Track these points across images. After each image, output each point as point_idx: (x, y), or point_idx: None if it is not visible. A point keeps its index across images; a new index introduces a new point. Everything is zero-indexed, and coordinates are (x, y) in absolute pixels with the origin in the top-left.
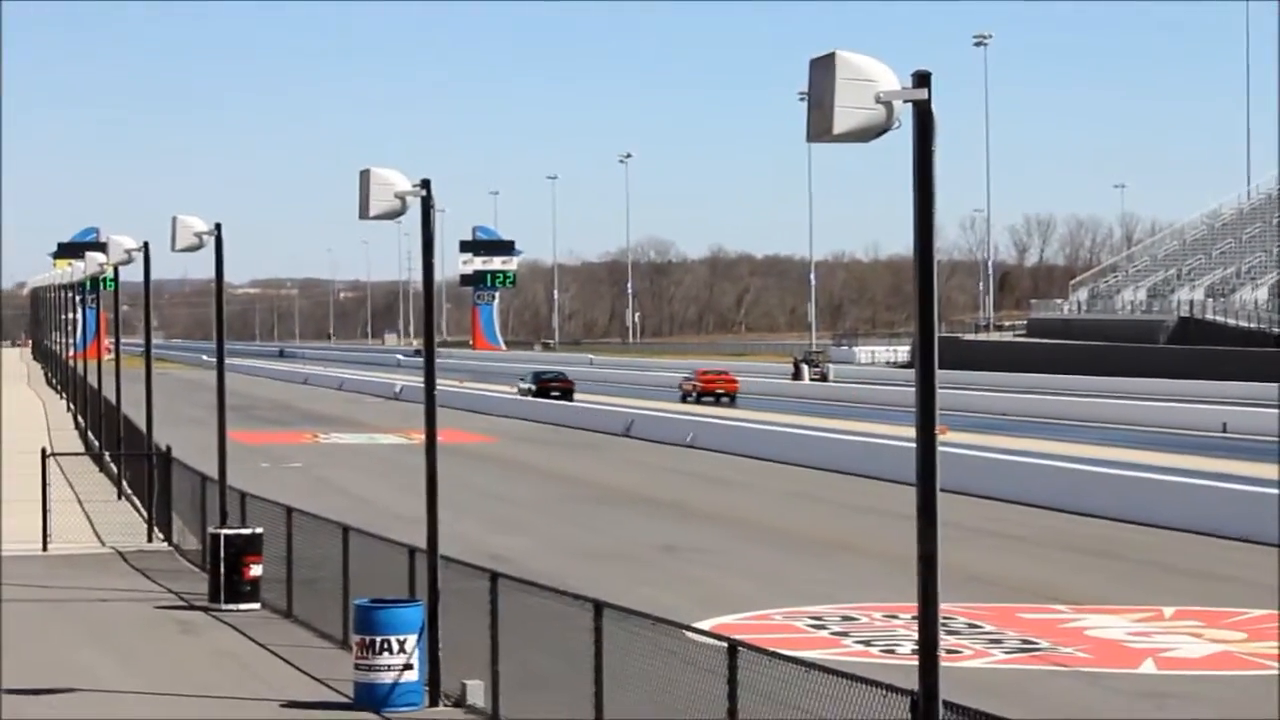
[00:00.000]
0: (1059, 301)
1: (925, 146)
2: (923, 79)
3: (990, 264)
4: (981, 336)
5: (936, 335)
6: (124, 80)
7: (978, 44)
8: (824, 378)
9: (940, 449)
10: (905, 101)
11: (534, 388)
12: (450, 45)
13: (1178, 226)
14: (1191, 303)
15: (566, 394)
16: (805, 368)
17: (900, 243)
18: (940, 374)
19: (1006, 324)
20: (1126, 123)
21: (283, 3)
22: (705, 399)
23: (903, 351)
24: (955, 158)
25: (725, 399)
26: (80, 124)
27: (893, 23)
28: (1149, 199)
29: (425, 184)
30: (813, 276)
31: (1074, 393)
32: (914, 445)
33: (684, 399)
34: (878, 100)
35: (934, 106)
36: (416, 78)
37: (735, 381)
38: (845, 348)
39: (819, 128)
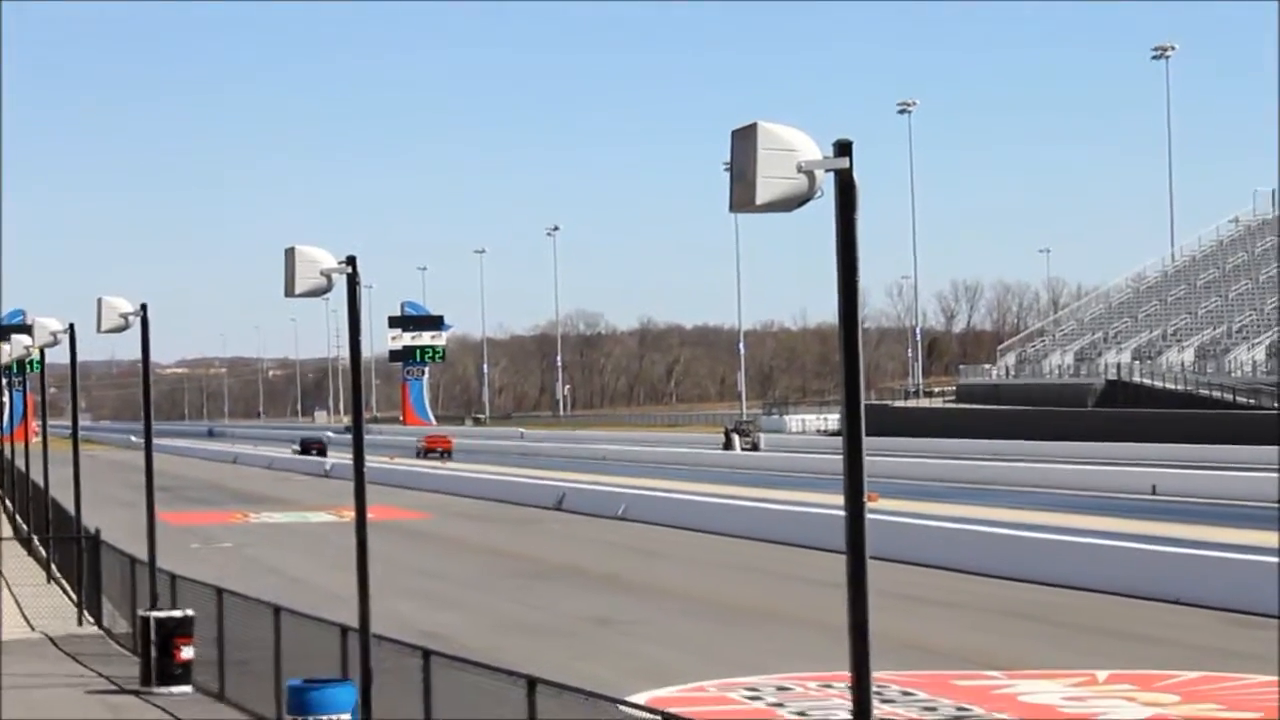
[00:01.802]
0: (987, 366)
1: (848, 215)
2: (844, 148)
3: (918, 330)
4: (910, 403)
5: (863, 403)
6: (48, 160)
7: (902, 111)
8: (755, 447)
9: (870, 516)
10: (827, 170)
11: (299, 449)
12: (375, 121)
13: (1103, 290)
14: (1119, 365)
15: (322, 451)
16: (736, 437)
17: (828, 310)
18: (871, 441)
19: (935, 390)
20: (1050, 187)
21: (207, 82)
22: (430, 455)
23: (833, 419)
24: (882, 224)
25: (443, 454)
26: (4, 203)
27: (817, 93)
28: (1074, 263)
29: (351, 260)
30: (742, 346)
31: (1004, 457)
32: (844, 513)
33: (417, 455)
34: (800, 170)
35: (856, 175)
36: (341, 154)
37: (450, 441)
38: (776, 416)
39: (742, 198)
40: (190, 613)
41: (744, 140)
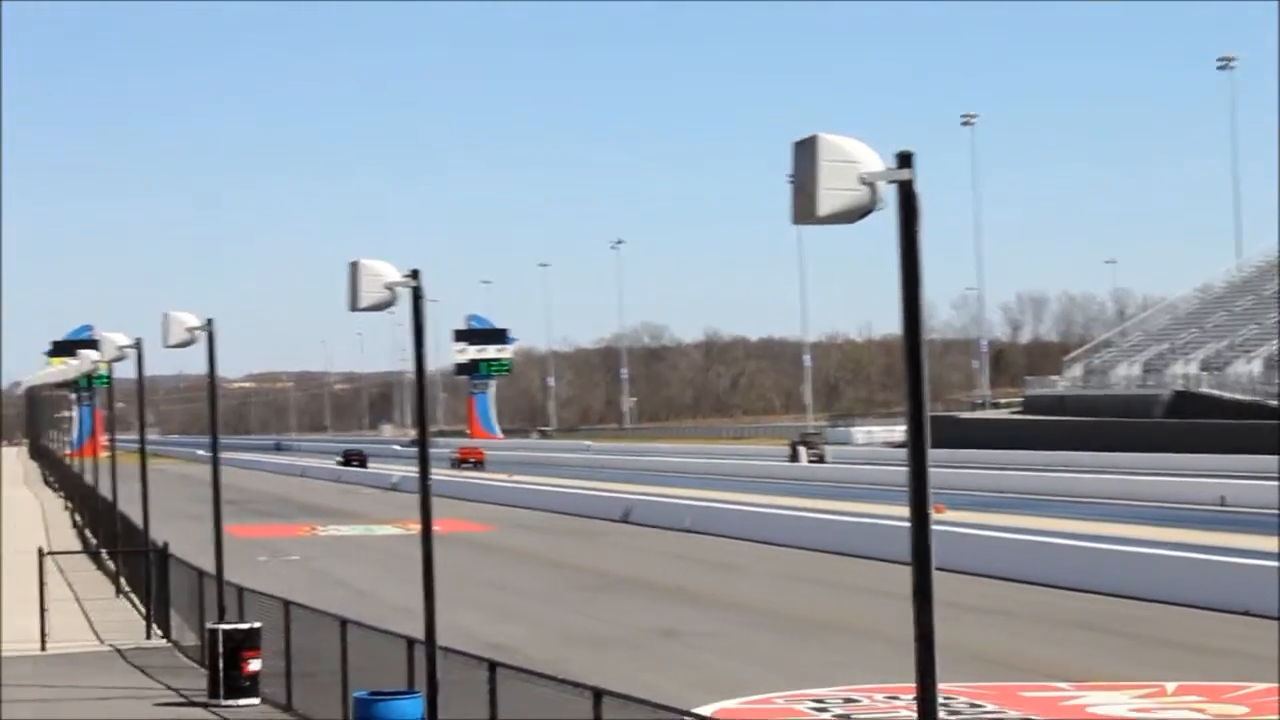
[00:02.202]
0: (1054, 378)
1: (910, 226)
2: (905, 159)
3: (984, 342)
4: (977, 414)
5: (928, 414)
6: (115, 177)
7: (965, 123)
8: (821, 459)
9: (937, 528)
10: (889, 182)
11: (341, 460)
12: (440, 135)
13: (1170, 300)
14: (1186, 376)
15: (363, 463)
16: (802, 449)
17: (893, 322)
18: (936, 453)
19: (1002, 401)
20: (1116, 198)
21: (272, 96)
22: (464, 465)
23: (899, 431)
24: (947, 236)
25: (475, 465)
26: (74, 221)
27: (880, 105)
28: (1140, 274)
29: (414, 274)
30: (807, 358)
31: (1071, 469)
32: (909, 524)
33: (453, 466)
34: (861, 181)
35: (918, 186)
36: (407, 168)
37: (482, 453)
38: (841, 428)
39: (804, 210)
40: (258, 625)
41: (806, 152)
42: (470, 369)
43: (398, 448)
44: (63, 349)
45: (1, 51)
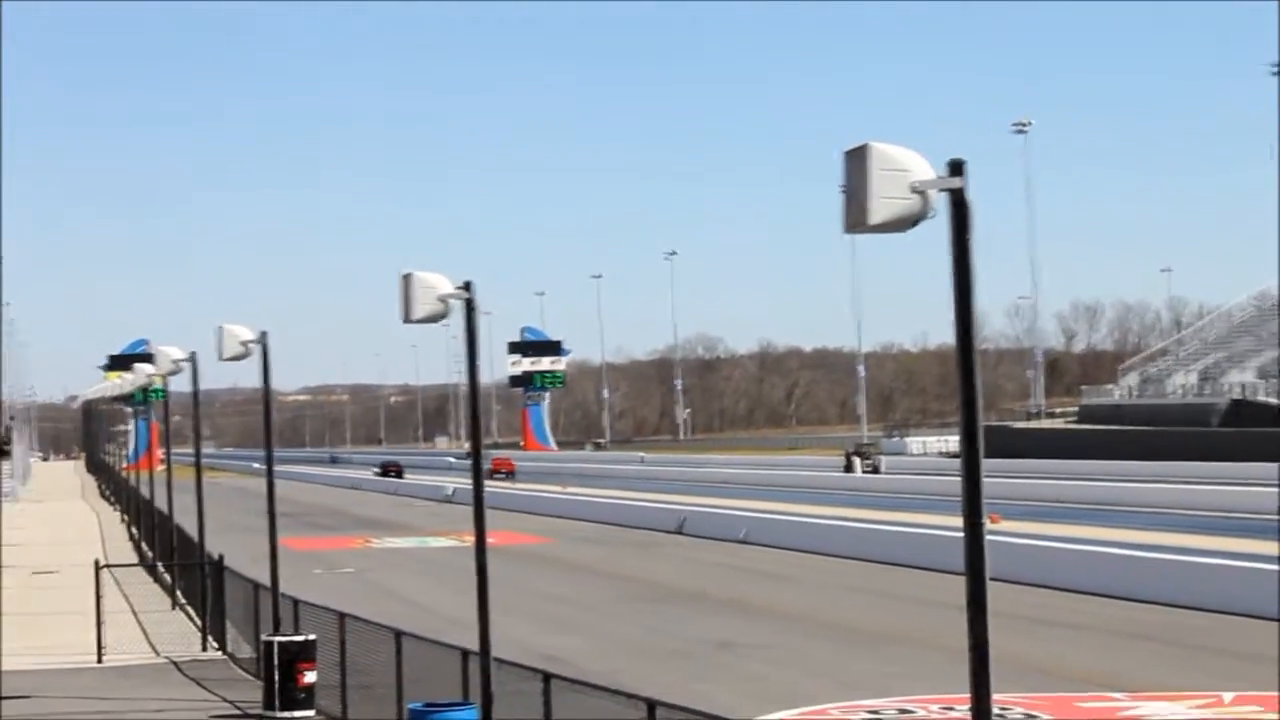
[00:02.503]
0: (1109, 387)
1: (962, 235)
2: (957, 167)
3: (1038, 351)
4: (1032, 424)
5: (981, 423)
6: (169, 191)
7: (1018, 131)
8: (876, 470)
9: (992, 538)
10: (941, 190)
11: (378, 471)
12: (495, 147)
13: (1225, 309)
14: (1243, 385)
15: (399, 474)
16: (857, 460)
17: (948, 332)
18: (991, 463)
19: (1057, 411)
20: (1170, 206)
21: (326, 109)
22: (496, 476)
23: (954, 441)
24: (1001, 244)
25: (507, 475)
26: (130, 236)
27: (935, 113)
28: (1195, 282)
29: (467, 286)
30: (861, 368)
31: (1127, 478)
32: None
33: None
34: (913, 190)
35: (970, 194)
36: (461, 180)
37: (513, 463)
38: (896, 439)
39: (855, 219)
40: (313, 637)
41: (857, 161)
42: (525, 381)
43: (452, 460)
44: (119, 363)
45: (2, 64)
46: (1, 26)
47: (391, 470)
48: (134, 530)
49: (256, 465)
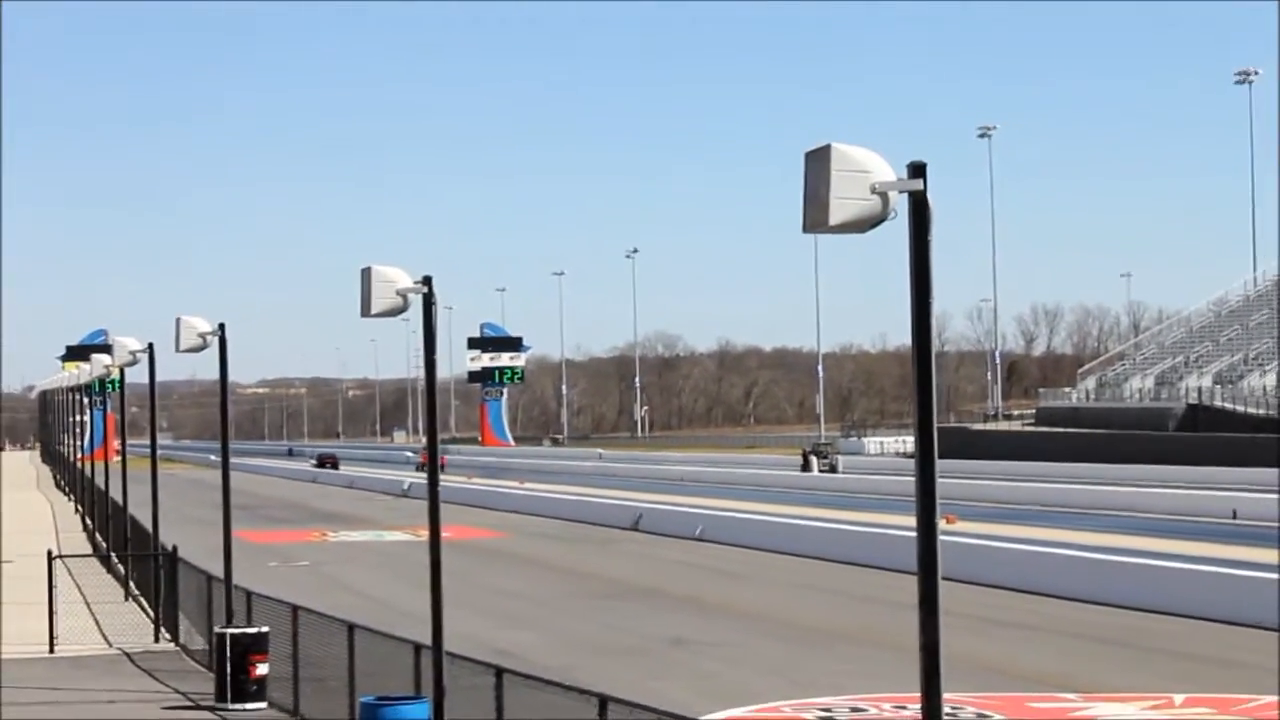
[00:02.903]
0: (1067, 390)
1: (922, 237)
2: (918, 170)
3: (998, 354)
4: (990, 426)
5: (935, 424)
6: (130, 182)
7: (982, 135)
8: (833, 469)
9: (947, 538)
10: (901, 192)
11: (314, 463)
12: (455, 141)
13: (1184, 314)
14: (1200, 390)
15: (335, 465)
16: (814, 459)
17: (907, 333)
18: (948, 464)
19: (1015, 413)
20: (1132, 211)
21: (285, 101)
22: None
23: (911, 442)
24: (962, 248)
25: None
26: (86, 225)
27: (896, 115)
28: (1155, 287)
29: (427, 280)
30: (820, 368)
31: (1083, 481)
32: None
33: (416, 469)
34: (873, 191)
35: (930, 196)
36: (421, 175)
37: (443, 458)
38: (854, 439)
39: (815, 219)
40: (265, 630)
41: (818, 161)
42: (484, 376)
43: (409, 454)
44: (76, 353)
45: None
46: None
47: (327, 462)
48: (88, 521)
49: (213, 457)
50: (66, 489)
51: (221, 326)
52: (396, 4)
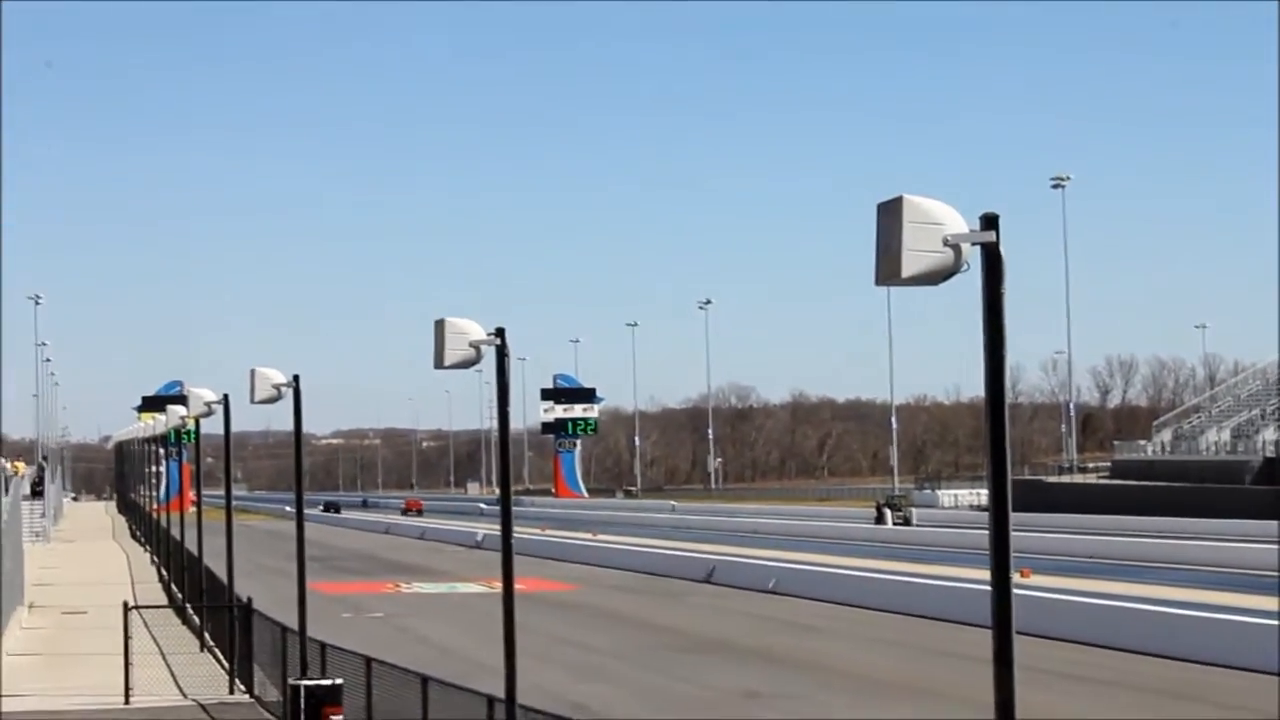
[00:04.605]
0: (1142, 443)
1: (995, 289)
2: (990, 221)
3: (1073, 406)
4: (1065, 479)
5: (1009, 477)
6: (208, 235)
7: (1055, 186)
8: (907, 521)
9: (1022, 592)
10: (974, 244)
11: (323, 508)
12: (530, 195)
13: (1260, 366)
14: (1276, 443)
15: (337, 510)
16: (888, 511)
17: (981, 385)
18: (1023, 517)
19: (1090, 466)
20: (1206, 262)
21: (362, 156)
22: (408, 513)
23: (985, 494)
24: (1036, 299)
25: (417, 514)
26: (164, 279)
27: (970, 168)
28: (1230, 339)
29: (500, 333)
30: (894, 420)
31: (1159, 534)
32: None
33: (404, 513)
34: (946, 244)
35: (1004, 248)
36: (496, 226)
37: (420, 503)
38: (928, 491)
39: (888, 271)
40: (340, 681)
41: (890, 214)
42: (557, 428)
43: (483, 506)
44: (152, 404)
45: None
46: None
47: (331, 508)
48: (164, 571)
49: (288, 509)
50: (142, 539)
51: (296, 378)
52: (472, 59)
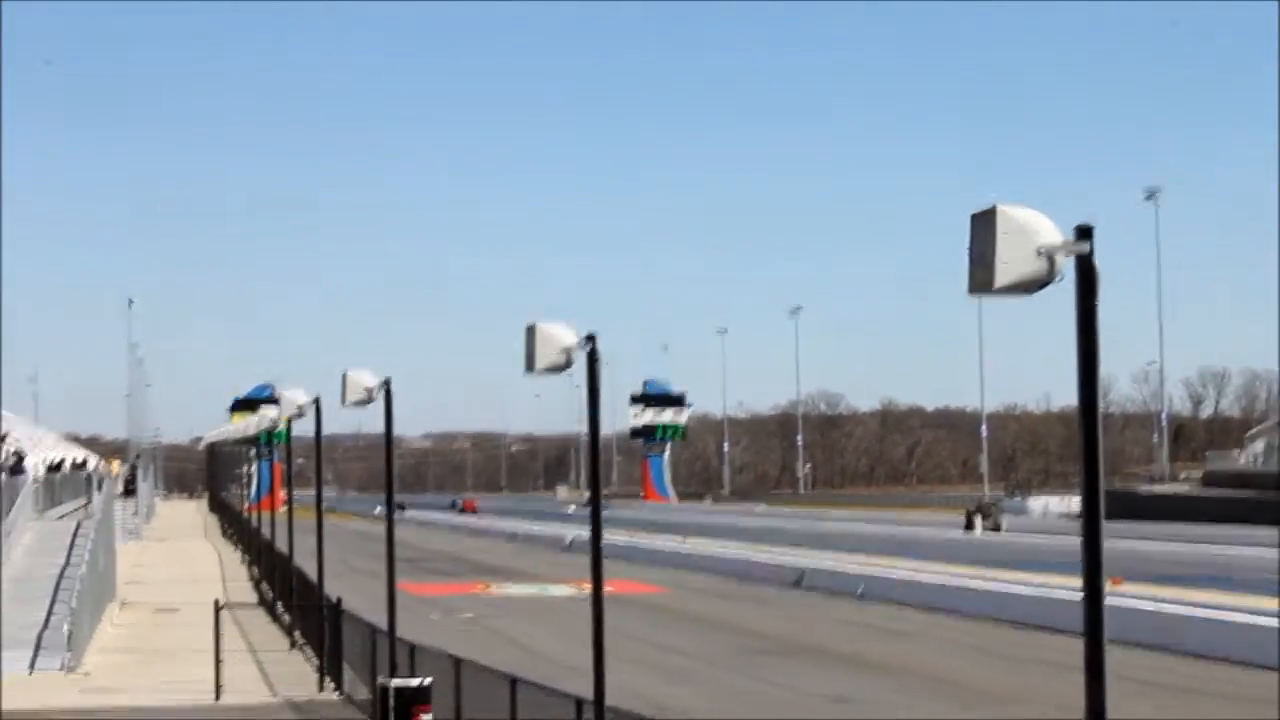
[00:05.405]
0: (1235, 453)
1: (1088, 300)
2: (1085, 232)
3: (1164, 416)
4: (1157, 488)
5: (1102, 486)
6: (300, 241)
7: (1149, 197)
8: (997, 529)
9: (1114, 600)
10: (1068, 255)
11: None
12: (619, 201)
13: None
14: None
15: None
16: (978, 519)
17: (1072, 394)
18: (1113, 525)
19: (1182, 476)
20: None
21: (453, 160)
22: (464, 513)
23: (1075, 502)
24: (1128, 309)
25: (471, 513)
26: (257, 282)
27: (1064, 176)
28: None
29: (591, 338)
30: (984, 428)
31: (1251, 544)
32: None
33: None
34: (1039, 253)
35: (1098, 260)
36: (588, 231)
37: (475, 503)
38: (1018, 499)
39: (981, 281)
40: (429, 681)
41: (983, 223)
42: (646, 433)
43: (572, 509)
44: (244, 405)
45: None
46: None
47: (398, 507)
48: (254, 570)
49: (378, 510)
50: (233, 538)
51: (387, 381)
52: (552, 67)
